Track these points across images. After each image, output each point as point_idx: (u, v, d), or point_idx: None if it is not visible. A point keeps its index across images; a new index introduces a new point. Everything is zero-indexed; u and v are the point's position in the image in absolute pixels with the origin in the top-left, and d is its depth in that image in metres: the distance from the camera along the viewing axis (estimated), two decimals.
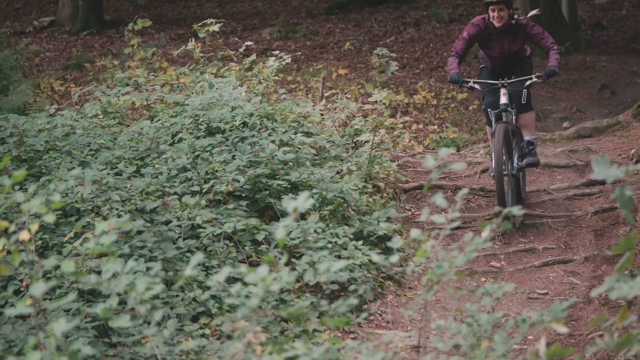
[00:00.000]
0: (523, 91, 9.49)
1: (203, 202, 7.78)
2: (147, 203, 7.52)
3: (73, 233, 6.98)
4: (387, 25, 21.61)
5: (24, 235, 3.78)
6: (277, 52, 11.06)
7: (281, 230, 3.67)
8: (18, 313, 3.60)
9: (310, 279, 4.34)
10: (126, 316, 3.68)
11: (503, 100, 9.42)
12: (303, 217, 8.11)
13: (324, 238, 7.93)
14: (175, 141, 8.89)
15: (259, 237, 7.64)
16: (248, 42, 11.70)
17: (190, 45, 11.19)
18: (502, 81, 9.45)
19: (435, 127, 15.52)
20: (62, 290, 6.62)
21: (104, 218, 7.29)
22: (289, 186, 8.37)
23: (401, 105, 16.03)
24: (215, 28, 11.13)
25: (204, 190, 7.99)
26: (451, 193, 10.25)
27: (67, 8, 21.82)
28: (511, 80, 9.51)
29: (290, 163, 8.72)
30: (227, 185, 8.02)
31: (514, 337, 3.97)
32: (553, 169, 11.05)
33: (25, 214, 3.81)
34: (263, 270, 3.64)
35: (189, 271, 3.68)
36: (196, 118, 9.19)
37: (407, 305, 7.95)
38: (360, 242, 8.13)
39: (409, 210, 9.91)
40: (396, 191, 10.05)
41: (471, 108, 16.58)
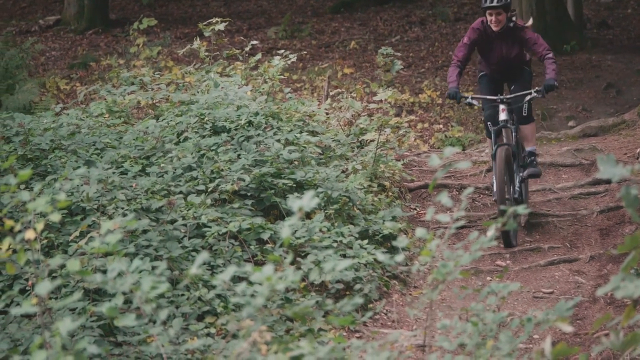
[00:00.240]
0: (524, 105, 9.39)
1: (208, 201, 7.77)
2: (153, 202, 7.53)
3: (78, 232, 6.99)
4: (393, 24, 21.60)
5: (30, 234, 3.78)
6: (283, 51, 11.05)
7: (286, 229, 3.67)
8: (24, 312, 3.60)
9: (315, 278, 4.34)
10: (132, 315, 3.68)
11: (502, 116, 9.27)
12: (308, 216, 8.11)
13: (329, 237, 7.92)
14: (180, 140, 8.90)
15: (265, 236, 7.64)
16: (253, 41, 11.69)
17: (195, 44, 11.19)
18: (501, 97, 9.35)
19: (440, 126, 15.49)
20: (68, 289, 6.62)
21: (110, 217, 7.30)
22: (294, 185, 8.37)
23: (406, 104, 16.00)
24: (220, 27, 11.13)
25: (210, 189, 7.99)
26: (456, 192, 10.24)
27: (73, 7, 21.83)
28: (510, 96, 9.39)
29: (295, 162, 8.72)
30: (233, 184, 8.02)
31: (520, 336, 3.96)
32: (558, 168, 11.04)
33: (30, 213, 3.81)
34: (268, 269, 3.64)
35: (194, 270, 3.68)
36: (201, 117, 9.20)
37: (413, 304, 7.95)
38: (365, 241, 8.12)
39: (414, 209, 9.91)
40: (401, 190, 10.05)
41: (476, 107, 16.54)
